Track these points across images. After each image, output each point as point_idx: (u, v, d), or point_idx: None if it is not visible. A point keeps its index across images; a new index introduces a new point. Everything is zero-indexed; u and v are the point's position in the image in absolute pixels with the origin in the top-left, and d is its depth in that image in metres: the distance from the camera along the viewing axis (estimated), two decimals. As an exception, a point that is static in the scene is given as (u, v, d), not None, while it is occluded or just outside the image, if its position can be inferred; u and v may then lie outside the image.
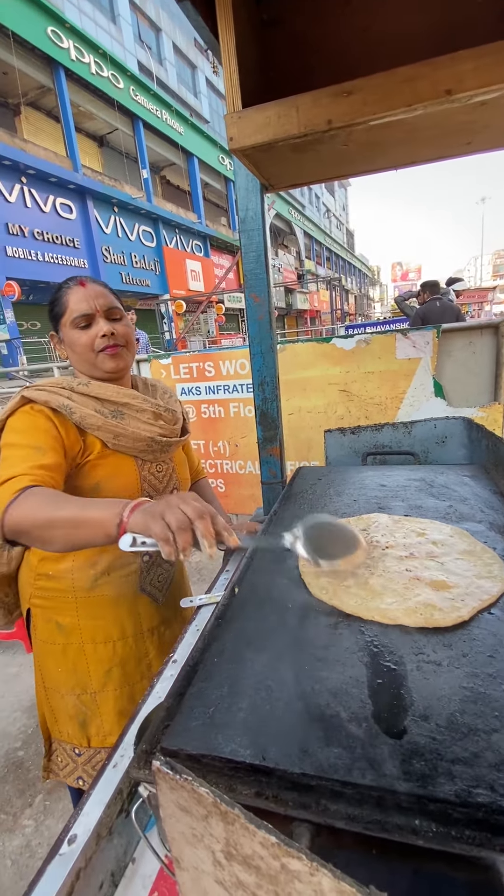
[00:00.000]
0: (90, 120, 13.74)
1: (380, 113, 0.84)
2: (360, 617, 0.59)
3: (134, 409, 0.98)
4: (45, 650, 0.98)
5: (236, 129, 0.91)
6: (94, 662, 0.96)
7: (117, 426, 0.93)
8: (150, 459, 1.00)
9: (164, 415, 1.03)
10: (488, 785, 0.37)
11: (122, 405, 0.97)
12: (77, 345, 0.95)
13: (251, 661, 0.54)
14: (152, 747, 0.46)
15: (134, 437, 0.95)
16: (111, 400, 0.95)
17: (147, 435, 0.97)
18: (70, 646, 0.96)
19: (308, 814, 0.38)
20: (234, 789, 0.41)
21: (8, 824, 1.82)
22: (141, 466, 0.99)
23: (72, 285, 0.97)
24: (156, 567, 1.03)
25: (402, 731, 0.43)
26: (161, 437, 1.00)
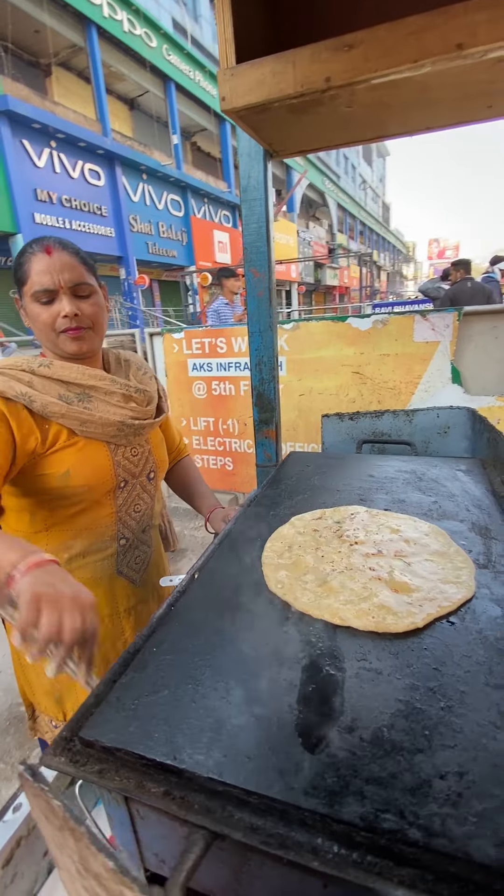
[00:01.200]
0: (121, 81, 13.36)
1: (382, 70, 0.76)
2: (311, 615, 0.57)
3: (102, 391, 0.90)
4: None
5: (228, 87, 0.85)
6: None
7: (83, 412, 0.86)
8: (124, 443, 0.94)
9: (135, 396, 0.95)
10: (398, 810, 0.35)
11: (88, 388, 0.89)
12: (37, 321, 0.87)
13: (190, 653, 0.53)
14: (72, 734, 0.45)
15: (102, 423, 0.88)
16: (76, 382, 0.88)
17: (116, 419, 0.90)
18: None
19: (209, 820, 0.37)
20: (143, 786, 0.40)
21: (6, 773, 1.92)
22: (114, 451, 0.93)
23: (36, 251, 0.85)
24: (132, 549, 1.00)
25: (322, 741, 0.41)
26: (133, 419, 0.93)
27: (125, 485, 0.95)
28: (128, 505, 0.97)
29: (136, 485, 0.98)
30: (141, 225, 13.28)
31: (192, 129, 16.69)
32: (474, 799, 0.35)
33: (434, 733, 0.41)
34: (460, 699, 0.44)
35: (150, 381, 1.05)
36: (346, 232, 28.23)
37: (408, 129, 1.08)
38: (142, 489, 1.00)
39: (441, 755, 0.39)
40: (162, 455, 1.08)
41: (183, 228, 14.97)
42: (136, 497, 0.99)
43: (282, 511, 0.88)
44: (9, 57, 10.66)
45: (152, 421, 0.99)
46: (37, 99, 10.28)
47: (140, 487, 0.99)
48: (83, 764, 0.43)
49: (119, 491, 0.95)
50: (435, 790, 0.36)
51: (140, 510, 1.00)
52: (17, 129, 9.62)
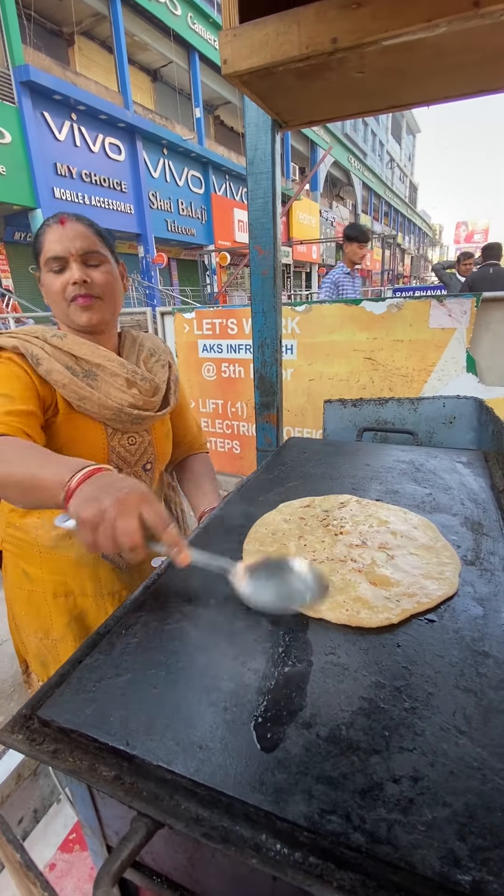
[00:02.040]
0: (144, 51, 13.01)
1: (393, 30, 0.71)
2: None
3: (108, 371, 0.89)
4: (14, 593, 1.01)
5: (230, 49, 0.80)
6: (56, 613, 0.97)
7: (83, 388, 0.85)
8: (121, 429, 0.92)
9: (139, 383, 0.92)
10: (344, 812, 0.34)
11: (95, 365, 0.89)
12: (50, 290, 0.88)
13: (158, 638, 0.52)
14: (31, 712, 0.45)
15: (100, 404, 0.87)
16: (85, 358, 0.88)
17: (115, 404, 0.88)
18: (35, 593, 0.97)
19: (154, 809, 0.36)
20: (95, 769, 0.40)
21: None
22: (111, 436, 0.91)
23: (51, 223, 0.88)
24: None
25: (277, 736, 0.40)
26: (132, 407, 0.90)
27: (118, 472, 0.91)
28: None
29: (131, 474, 0.96)
30: (160, 202, 13.09)
31: (216, 102, 16.25)
32: (426, 806, 0.34)
33: (394, 734, 0.39)
34: (426, 701, 0.42)
35: (161, 369, 1.01)
36: (371, 213, 27.39)
37: (424, 98, 1.01)
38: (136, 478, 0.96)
39: (398, 758, 0.37)
40: (164, 448, 1.04)
41: (203, 206, 14.71)
42: None
43: (271, 497, 0.86)
44: (31, 25, 10.44)
45: (153, 414, 0.95)
46: (58, 69, 10.10)
47: (134, 476, 0.97)
48: (39, 743, 0.43)
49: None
50: (386, 794, 0.35)
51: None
52: (38, 100, 9.48)
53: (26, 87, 9.16)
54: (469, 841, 0.32)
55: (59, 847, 0.67)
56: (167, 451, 1.07)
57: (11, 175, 9.18)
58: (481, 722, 0.40)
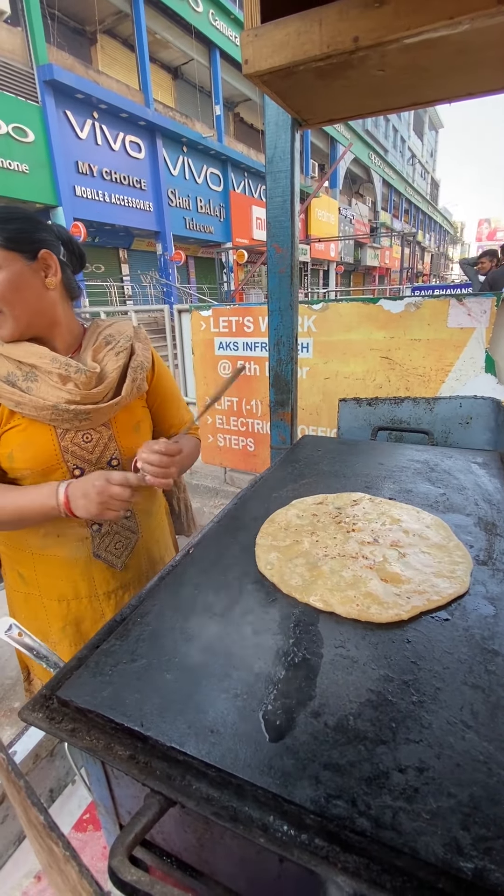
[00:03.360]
0: (165, 49, 13.07)
1: (415, 28, 0.70)
2: (296, 598, 0.57)
3: (42, 370, 0.84)
4: (12, 596, 1.00)
5: (251, 49, 0.81)
6: (52, 617, 0.96)
7: (14, 393, 0.81)
8: (68, 427, 0.86)
9: (73, 376, 0.85)
10: (350, 798, 0.35)
11: (31, 366, 0.84)
12: None
13: (172, 627, 0.54)
14: (51, 693, 0.47)
15: (34, 405, 0.82)
16: (23, 361, 0.84)
17: (50, 402, 0.82)
18: (31, 595, 0.96)
19: (166, 787, 0.38)
20: (111, 748, 0.42)
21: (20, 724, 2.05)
22: (61, 436, 0.86)
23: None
24: (111, 535, 0.96)
25: (287, 724, 0.41)
26: (69, 403, 0.84)
27: (81, 472, 0.89)
28: None
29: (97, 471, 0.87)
30: (179, 199, 13.15)
31: (236, 99, 16.23)
32: (430, 796, 0.34)
33: (401, 726, 0.40)
34: (434, 695, 0.43)
35: (115, 357, 0.92)
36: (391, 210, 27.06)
37: (446, 95, 1.01)
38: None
39: (404, 749, 0.38)
40: (132, 441, 0.95)
41: (221, 203, 14.73)
42: None
43: (285, 494, 0.87)
44: (55, 24, 10.57)
45: (99, 406, 0.87)
46: (81, 68, 10.22)
47: None
48: (58, 721, 0.45)
49: (74, 478, 0.88)
50: (392, 782, 0.36)
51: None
52: (60, 99, 9.62)
53: (49, 87, 9.29)
54: (472, 831, 0.32)
55: (73, 826, 0.69)
56: (137, 443, 0.94)
57: (34, 173, 9.33)
58: (488, 717, 0.40)
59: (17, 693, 2.15)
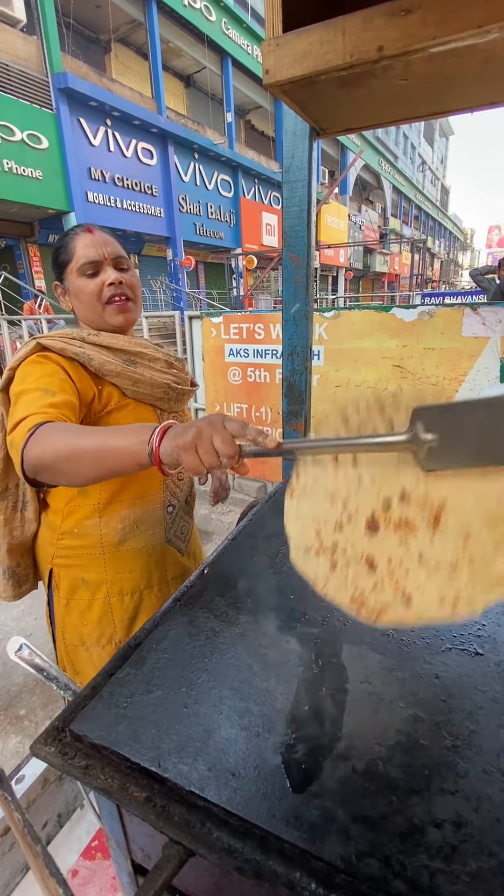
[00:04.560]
0: (178, 57, 13.21)
1: (442, 37, 0.69)
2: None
3: (146, 357, 0.95)
4: (70, 607, 0.97)
5: (273, 59, 0.80)
6: (120, 612, 0.97)
7: (135, 372, 0.91)
8: (167, 409, 0.99)
9: (175, 364, 1.01)
10: (384, 856, 0.32)
11: (134, 354, 0.93)
12: (83, 293, 0.91)
13: (188, 654, 0.52)
14: (64, 725, 0.45)
15: (152, 384, 0.93)
16: (123, 349, 0.92)
17: (164, 381, 0.95)
18: (96, 600, 0.96)
19: (187, 836, 0.36)
20: (126, 788, 0.40)
21: (30, 730, 2.03)
22: (160, 416, 0.97)
23: (79, 232, 0.94)
24: (178, 519, 1.03)
25: (313, 768, 0.39)
26: (176, 384, 0.98)
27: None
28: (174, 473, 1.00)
29: None
30: (190, 205, 13.24)
31: (247, 107, 16.35)
32: (470, 855, 0.32)
33: (434, 774, 0.38)
34: (468, 739, 0.40)
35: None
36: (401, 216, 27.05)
37: (468, 105, 0.99)
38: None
39: (439, 800, 0.36)
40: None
41: (231, 210, 14.80)
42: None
43: (301, 510, 0.85)
44: (70, 33, 10.74)
45: (190, 389, 1.03)
46: (94, 76, 10.35)
47: None
48: (71, 757, 0.43)
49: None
50: (428, 839, 0.33)
51: (183, 478, 1.04)
52: (74, 107, 9.75)
53: (64, 94, 9.42)
54: (519, 899, 0.30)
55: (82, 854, 0.67)
56: None
57: (47, 179, 9.45)
58: (528, 766, 0.38)
59: (22, 700, 2.14)
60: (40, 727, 2.05)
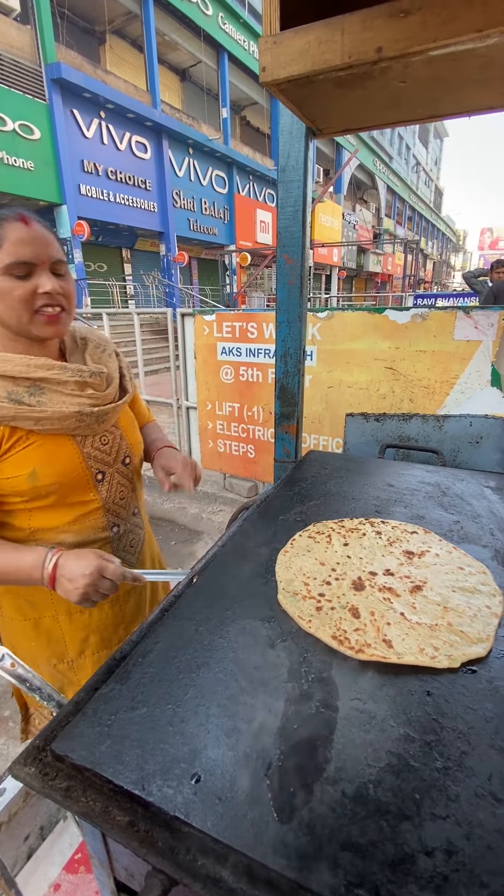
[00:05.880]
0: (174, 51, 13.08)
1: (442, 40, 0.68)
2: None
3: (53, 382, 0.81)
4: (14, 627, 0.94)
5: (269, 56, 0.78)
6: (70, 632, 0.94)
7: (33, 410, 0.78)
8: (88, 433, 0.87)
9: (90, 381, 0.86)
10: (373, 886, 0.31)
11: (37, 380, 0.80)
12: (10, 297, 0.76)
13: (175, 669, 0.50)
14: (45, 744, 0.44)
15: (58, 417, 0.80)
16: (25, 377, 0.79)
17: (73, 410, 0.82)
18: (43, 619, 0.92)
19: (170, 865, 0.34)
20: (108, 812, 0.38)
21: (14, 732, 2.01)
22: (81, 443, 0.86)
23: (10, 219, 0.75)
24: (126, 535, 0.97)
25: (302, 792, 0.38)
26: (92, 407, 0.85)
27: (103, 477, 0.90)
28: (112, 495, 0.92)
29: (115, 473, 0.93)
30: (184, 200, 13.15)
31: (243, 103, 16.26)
32: (462, 886, 0.31)
33: (425, 798, 0.37)
34: (459, 760, 0.40)
35: (110, 358, 0.96)
36: (394, 217, 27.13)
37: (465, 109, 0.98)
38: (121, 476, 0.94)
39: (430, 826, 0.35)
40: (135, 436, 1.00)
41: (225, 206, 14.73)
42: (117, 485, 0.93)
43: (292, 517, 0.84)
44: (64, 23, 10.57)
45: (115, 405, 0.90)
46: (89, 68, 10.21)
47: (119, 475, 0.94)
48: (52, 778, 0.42)
49: (99, 484, 0.89)
50: (419, 868, 0.32)
51: (125, 497, 0.96)
52: (68, 98, 9.60)
53: (57, 85, 9.27)
54: (511, 932, 0.29)
55: (65, 867, 0.66)
56: (138, 438, 1.02)
57: (39, 171, 9.31)
58: (520, 790, 0.37)
59: (6, 701, 2.11)
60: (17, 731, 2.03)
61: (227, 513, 3.48)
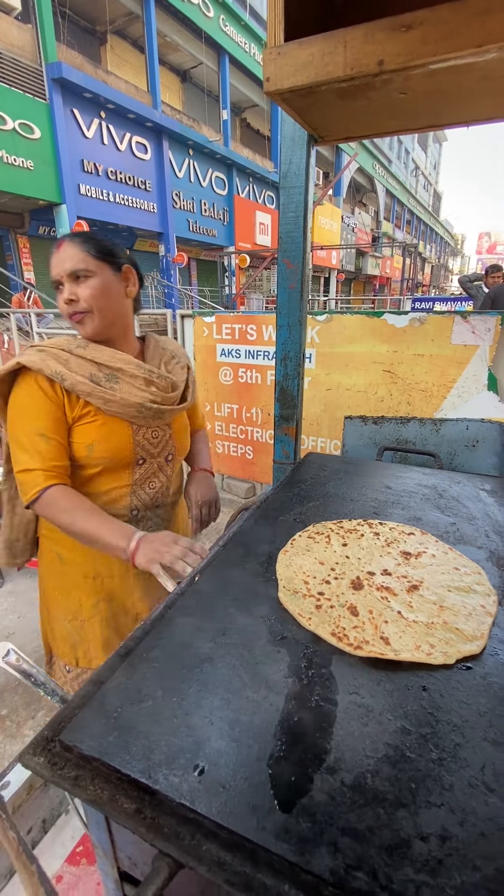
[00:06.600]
0: (175, 52, 13.12)
1: (442, 54, 0.70)
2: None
3: (127, 374, 0.98)
4: (48, 577, 1.08)
5: (274, 67, 0.80)
6: (86, 594, 1.05)
7: (106, 392, 0.94)
8: (144, 424, 1.01)
9: (156, 381, 1.01)
10: (371, 869, 0.33)
11: (115, 369, 0.97)
12: (60, 308, 0.97)
13: (179, 664, 0.52)
14: (53, 735, 0.45)
15: (123, 403, 0.95)
16: (106, 364, 0.96)
17: (137, 401, 0.97)
18: (67, 575, 1.05)
19: (176, 849, 0.36)
20: (116, 800, 0.40)
21: (12, 730, 2.02)
22: (136, 431, 1.00)
23: (54, 248, 0.95)
24: (143, 521, 1.07)
25: (302, 781, 0.39)
26: (152, 403, 0.99)
27: (143, 462, 1.03)
28: (143, 480, 1.05)
29: (154, 464, 1.05)
30: (183, 202, 13.17)
31: (243, 105, 16.31)
32: (455, 869, 0.33)
33: (421, 787, 0.38)
34: (454, 752, 0.41)
35: (181, 370, 1.10)
36: (393, 220, 27.24)
37: (465, 119, 1.00)
38: (158, 469, 1.07)
39: (425, 813, 0.36)
40: (183, 441, 1.13)
41: (225, 207, 14.76)
42: (151, 475, 1.06)
43: (291, 517, 0.85)
44: (65, 23, 10.58)
45: (173, 408, 1.04)
46: (90, 68, 10.22)
47: (157, 467, 1.06)
48: (60, 767, 0.43)
49: (137, 467, 1.02)
50: (414, 852, 0.34)
51: (154, 487, 1.07)
52: (68, 97, 9.61)
53: (58, 84, 9.28)
54: (501, 911, 0.31)
55: (66, 859, 0.67)
56: (185, 443, 1.16)
57: (39, 170, 9.31)
58: (512, 779, 0.39)
59: (4, 699, 2.12)
60: (22, 727, 2.03)
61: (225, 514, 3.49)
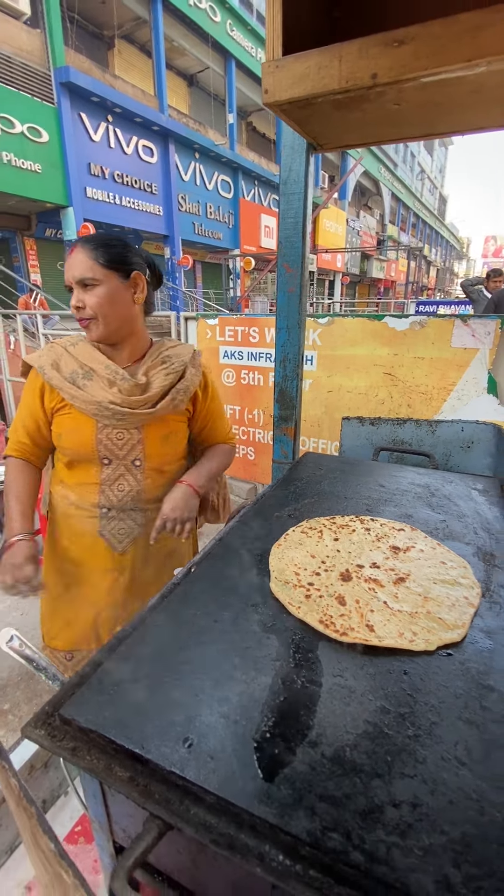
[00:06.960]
0: (182, 56, 13.22)
1: (433, 68, 0.73)
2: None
3: (97, 373, 1.03)
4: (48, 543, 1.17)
5: (272, 80, 0.83)
6: (61, 573, 1.12)
7: (71, 388, 1.00)
8: (109, 424, 1.03)
9: (118, 383, 1.01)
10: (345, 831, 0.35)
11: (90, 368, 1.03)
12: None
13: (173, 647, 0.55)
14: (53, 710, 0.48)
15: (84, 400, 1.00)
16: (85, 363, 1.03)
17: (97, 399, 1.00)
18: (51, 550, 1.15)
19: (166, 811, 0.39)
20: (111, 769, 0.43)
21: (14, 725, 2.04)
22: (100, 430, 1.03)
23: (69, 250, 1.00)
24: (116, 521, 1.09)
25: (285, 753, 0.42)
26: (111, 403, 1.00)
27: (109, 463, 1.06)
28: (111, 481, 1.07)
29: (121, 466, 1.07)
30: (189, 205, 13.24)
31: (249, 109, 16.40)
32: (424, 832, 0.35)
33: (396, 760, 0.41)
34: (429, 729, 0.44)
35: (165, 376, 1.06)
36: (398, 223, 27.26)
37: (459, 128, 1.03)
38: (126, 471, 1.07)
39: (399, 783, 0.39)
40: (158, 449, 1.09)
41: (230, 210, 14.83)
42: (119, 476, 1.07)
43: (286, 513, 0.88)
44: (74, 28, 10.70)
45: (138, 411, 1.02)
46: (97, 72, 10.32)
47: (124, 469, 1.07)
48: (59, 739, 0.46)
49: (104, 467, 1.06)
50: (386, 817, 0.37)
51: (123, 490, 1.08)
52: (76, 101, 9.71)
53: (66, 88, 9.38)
54: (463, 869, 0.33)
55: (65, 838, 0.70)
56: (163, 452, 1.10)
57: (46, 173, 9.40)
58: (482, 755, 0.41)
59: (7, 694, 2.15)
60: (24, 722, 2.06)
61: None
